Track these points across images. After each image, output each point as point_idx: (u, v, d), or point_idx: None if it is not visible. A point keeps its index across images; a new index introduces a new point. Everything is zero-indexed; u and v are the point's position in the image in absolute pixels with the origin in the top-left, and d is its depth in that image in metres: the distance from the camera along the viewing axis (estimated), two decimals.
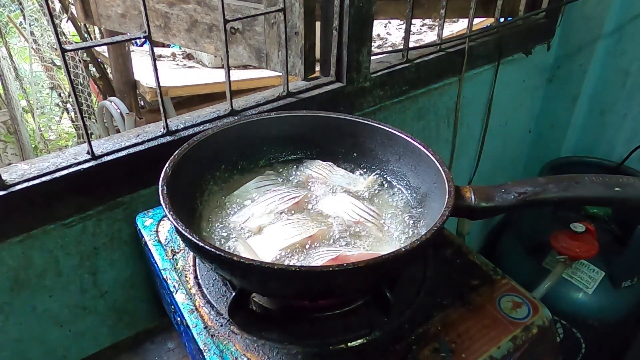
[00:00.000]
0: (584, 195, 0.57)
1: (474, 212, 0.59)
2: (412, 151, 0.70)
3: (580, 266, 1.32)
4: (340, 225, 0.64)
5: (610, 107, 1.57)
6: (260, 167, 0.77)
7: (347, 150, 0.77)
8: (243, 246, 0.59)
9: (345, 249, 0.59)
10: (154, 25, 1.22)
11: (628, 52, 1.46)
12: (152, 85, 2.22)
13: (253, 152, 0.76)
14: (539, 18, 1.44)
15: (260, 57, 1.04)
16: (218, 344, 0.56)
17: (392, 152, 0.73)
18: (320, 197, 0.70)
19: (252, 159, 0.76)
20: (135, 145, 0.77)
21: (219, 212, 0.67)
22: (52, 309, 0.77)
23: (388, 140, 0.73)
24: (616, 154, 1.58)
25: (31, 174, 0.69)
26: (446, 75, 1.21)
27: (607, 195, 0.57)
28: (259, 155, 0.77)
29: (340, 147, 0.77)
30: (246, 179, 0.72)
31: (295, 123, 0.77)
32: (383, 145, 0.74)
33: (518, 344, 0.58)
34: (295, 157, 0.79)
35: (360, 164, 0.77)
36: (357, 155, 0.77)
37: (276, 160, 0.78)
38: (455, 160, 1.40)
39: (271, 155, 0.78)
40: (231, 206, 0.68)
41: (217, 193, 0.70)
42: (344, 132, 0.76)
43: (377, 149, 0.75)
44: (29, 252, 0.72)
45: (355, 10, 0.91)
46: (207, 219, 0.65)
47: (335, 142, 0.77)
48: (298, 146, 0.79)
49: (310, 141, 0.78)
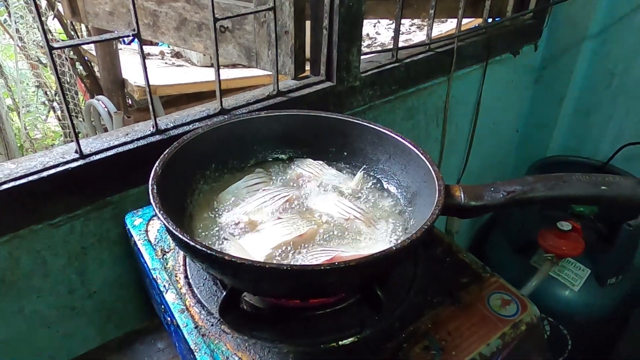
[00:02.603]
0: (571, 194, 0.58)
1: (464, 211, 0.60)
2: (402, 150, 0.70)
3: (566, 264, 1.34)
4: (330, 223, 0.64)
5: (596, 107, 1.59)
6: (250, 165, 0.77)
7: (338, 150, 0.77)
8: (234, 246, 0.59)
9: (340, 250, 0.59)
10: (142, 24, 1.21)
11: (613, 54, 1.49)
12: (140, 84, 2.20)
13: (243, 151, 0.76)
14: (526, 19, 1.45)
15: (250, 56, 1.04)
16: (209, 343, 0.56)
17: (382, 151, 0.73)
18: (310, 195, 0.70)
19: (243, 158, 0.76)
20: (124, 145, 0.76)
21: (209, 212, 0.67)
22: (40, 309, 0.76)
23: (378, 140, 0.73)
24: (602, 154, 1.60)
25: (18, 173, 0.68)
26: (435, 74, 1.22)
27: (594, 194, 0.58)
28: (249, 154, 0.77)
29: (330, 146, 0.77)
30: (236, 178, 0.72)
31: (285, 122, 0.77)
32: (373, 145, 0.74)
33: (507, 341, 0.59)
34: (286, 156, 0.79)
35: (351, 162, 0.77)
36: (348, 154, 0.77)
37: (266, 159, 0.78)
38: (444, 159, 1.41)
39: (261, 154, 0.78)
40: (222, 205, 0.67)
41: (207, 192, 0.70)
42: (334, 131, 0.76)
43: (367, 148, 0.75)
44: (16, 253, 0.71)
45: (345, 10, 0.92)
46: (197, 218, 0.65)
47: (326, 141, 0.77)
48: (288, 145, 0.79)
49: (301, 140, 0.78)
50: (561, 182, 0.59)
